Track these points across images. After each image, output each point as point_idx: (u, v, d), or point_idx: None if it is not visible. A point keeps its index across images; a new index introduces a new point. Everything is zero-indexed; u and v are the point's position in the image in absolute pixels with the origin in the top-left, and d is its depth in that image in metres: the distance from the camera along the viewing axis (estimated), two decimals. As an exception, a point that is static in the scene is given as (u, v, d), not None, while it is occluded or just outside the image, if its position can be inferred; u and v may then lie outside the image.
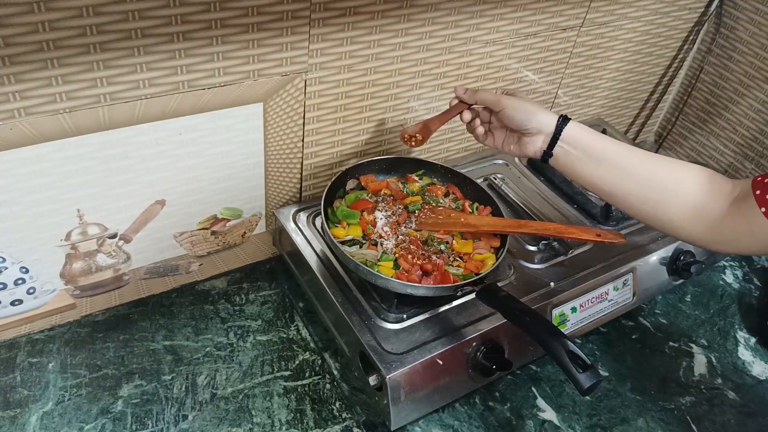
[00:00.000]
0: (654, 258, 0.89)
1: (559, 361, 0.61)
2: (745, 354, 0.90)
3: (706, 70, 1.18)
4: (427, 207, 0.82)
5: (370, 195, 0.83)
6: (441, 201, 0.84)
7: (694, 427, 0.80)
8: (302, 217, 0.86)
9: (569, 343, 0.62)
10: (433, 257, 0.76)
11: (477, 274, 0.74)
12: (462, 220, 0.80)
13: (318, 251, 0.82)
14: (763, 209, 0.59)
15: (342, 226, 0.79)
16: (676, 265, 0.91)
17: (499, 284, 0.78)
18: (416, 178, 0.87)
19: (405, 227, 0.80)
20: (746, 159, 1.15)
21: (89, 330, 0.81)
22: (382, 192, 0.84)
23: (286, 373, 0.79)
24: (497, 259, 0.77)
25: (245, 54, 0.70)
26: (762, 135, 1.11)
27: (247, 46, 0.70)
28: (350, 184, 0.86)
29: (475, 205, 0.86)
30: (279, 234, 0.89)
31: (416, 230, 0.80)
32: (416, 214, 0.81)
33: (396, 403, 0.69)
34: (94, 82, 0.64)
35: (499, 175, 0.98)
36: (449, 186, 0.88)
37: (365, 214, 0.79)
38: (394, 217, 0.80)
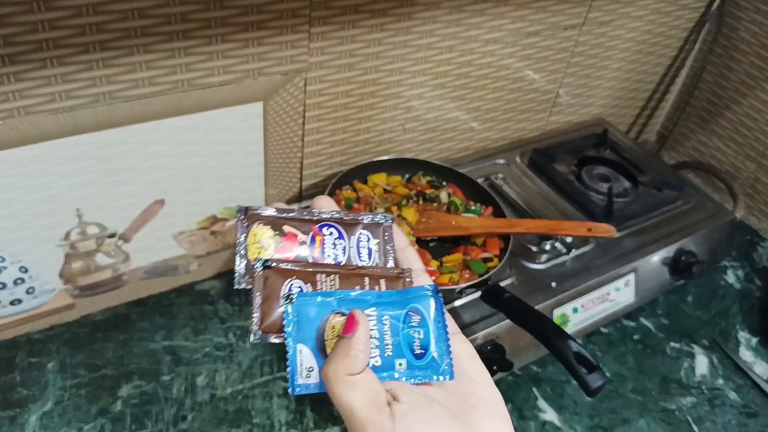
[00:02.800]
0: (656, 258, 0.89)
1: (565, 362, 0.61)
2: (746, 354, 0.90)
3: (707, 69, 1.18)
4: (418, 207, 0.83)
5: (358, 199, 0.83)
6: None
7: (695, 427, 0.79)
8: (302, 216, 0.86)
9: (575, 344, 0.62)
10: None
11: (480, 275, 0.74)
12: (453, 222, 0.80)
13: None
14: None
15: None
16: (678, 265, 0.91)
17: (500, 284, 0.78)
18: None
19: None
20: (747, 159, 1.15)
21: (88, 330, 0.81)
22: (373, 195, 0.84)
23: (286, 374, 0.79)
24: (500, 261, 0.76)
25: (245, 53, 0.70)
26: (763, 135, 1.11)
27: (246, 45, 0.70)
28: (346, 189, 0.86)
29: (479, 205, 0.85)
30: (279, 234, 0.88)
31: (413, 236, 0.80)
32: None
33: (396, 404, 0.69)
34: (94, 81, 0.64)
35: (500, 175, 0.98)
36: (450, 186, 0.88)
37: None
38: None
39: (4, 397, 0.72)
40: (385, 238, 0.40)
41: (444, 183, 0.88)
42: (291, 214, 0.38)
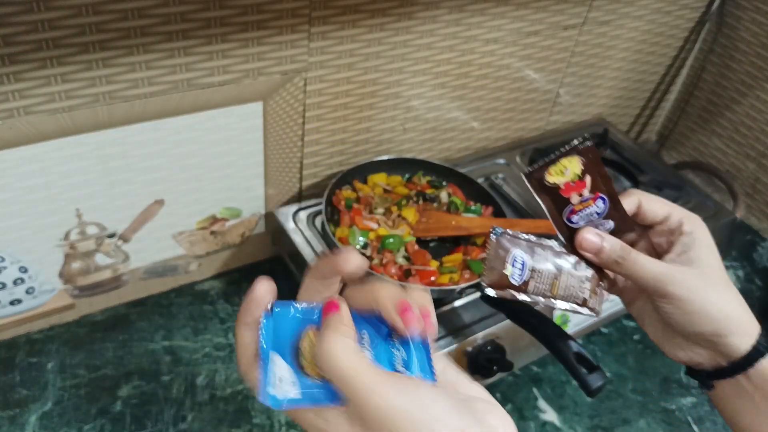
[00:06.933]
0: (655, 258, 0.89)
1: (565, 362, 0.61)
2: (746, 355, 0.90)
3: (707, 69, 1.17)
4: (418, 207, 0.83)
5: (358, 199, 0.83)
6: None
7: (695, 428, 0.79)
8: (302, 216, 0.86)
9: (575, 344, 0.62)
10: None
11: (480, 276, 0.74)
12: (453, 222, 0.80)
13: (318, 252, 0.81)
14: None
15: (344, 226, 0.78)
16: (678, 265, 0.91)
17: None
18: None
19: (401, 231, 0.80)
20: (747, 159, 1.15)
21: (88, 330, 0.81)
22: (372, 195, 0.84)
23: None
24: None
25: (245, 52, 0.70)
26: (763, 135, 1.11)
27: (246, 45, 0.70)
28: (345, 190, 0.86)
29: (479, 205, 0.85)
30: (278, 234, 0.88)
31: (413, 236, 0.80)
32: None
33: (396, 404, 0.69)
34: (93, 81, 0.64)
35: (500, 175, 0.98)
36: (450, 186, 0.88)
37: (358, 219, 0.79)
38: (389, 222, 0.80)
39: (4, 397, 0.72)
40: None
41: (444, 183, 0.88)
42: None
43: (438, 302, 0.76)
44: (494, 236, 0.48)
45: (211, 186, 0.80)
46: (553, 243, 0.48)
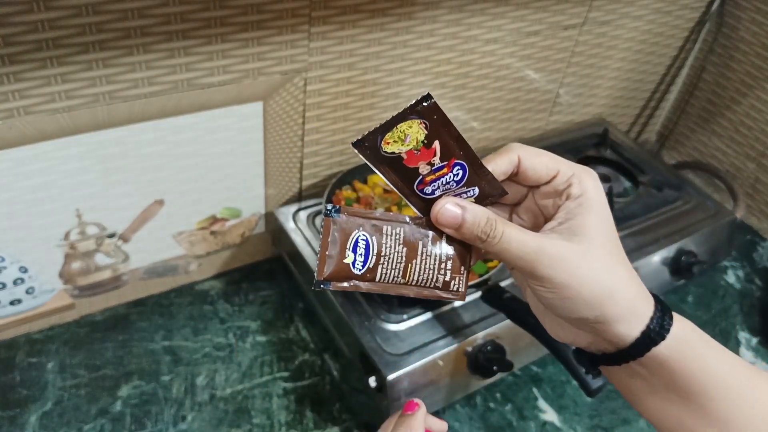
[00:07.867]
0: (656, 258, 0.89)
1: (566, 363, 0.61)
2: (746, 354, 0.90)
3: (707, 69, 1.17)
4: None
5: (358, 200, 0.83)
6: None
7: (695, 428, 0.79)
8: (302, 216, 0.86)
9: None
10: None
11: (480, 276, 0.74)
12: None
13: (318, 252, 0.81)
14: None
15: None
16: (678, 265, 0.91)
17: (500, 284, 0.78)
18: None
19: None
20: (747, 159, 1.15)
21: (88, 330, 0.81)
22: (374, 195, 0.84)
23: (286, 374, 0.79)
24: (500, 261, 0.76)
25: (245, 52, 0.70)
26: (763, 135, 1.11)
27: (246, 45, 0.70)
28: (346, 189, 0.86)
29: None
30: (278, 234, 0.88)
31: None
32: None
33: (396, 405, 0.69)
34: (93, 81, 0.64)
35: (499, 175, 0.98)
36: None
37: None
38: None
39: (4, 397, 0.72)
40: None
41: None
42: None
43: (438, 302, 0.76)
44: (328, 216, 0.38)
45: (211, 186, 0.80)
46: (406, 218, 0.39)
